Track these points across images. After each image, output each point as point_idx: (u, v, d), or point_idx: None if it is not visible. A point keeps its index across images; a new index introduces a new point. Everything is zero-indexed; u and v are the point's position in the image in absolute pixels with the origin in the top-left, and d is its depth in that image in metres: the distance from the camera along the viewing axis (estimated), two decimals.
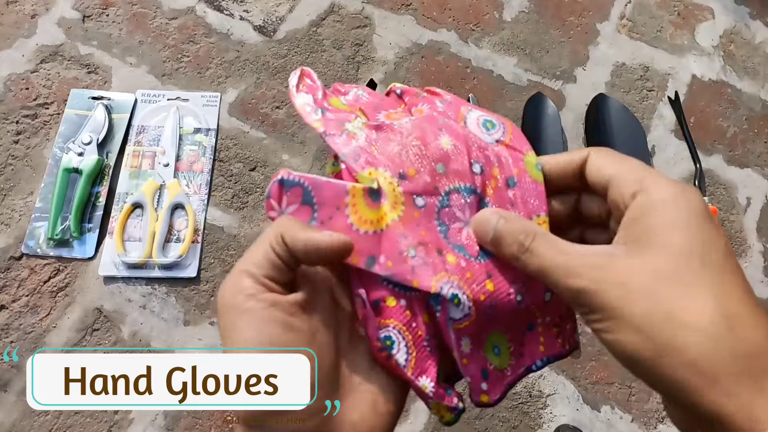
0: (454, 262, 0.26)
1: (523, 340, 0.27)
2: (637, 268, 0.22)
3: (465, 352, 0.26)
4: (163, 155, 0.78)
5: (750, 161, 0.89)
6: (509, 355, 0.27)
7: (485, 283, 0.26)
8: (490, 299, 0.25)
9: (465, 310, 0.25)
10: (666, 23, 0.98)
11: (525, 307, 0.26)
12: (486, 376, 0.26)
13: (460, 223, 0.27)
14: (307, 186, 0.25)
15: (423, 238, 0.26)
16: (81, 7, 0.87)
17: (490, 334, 0.26)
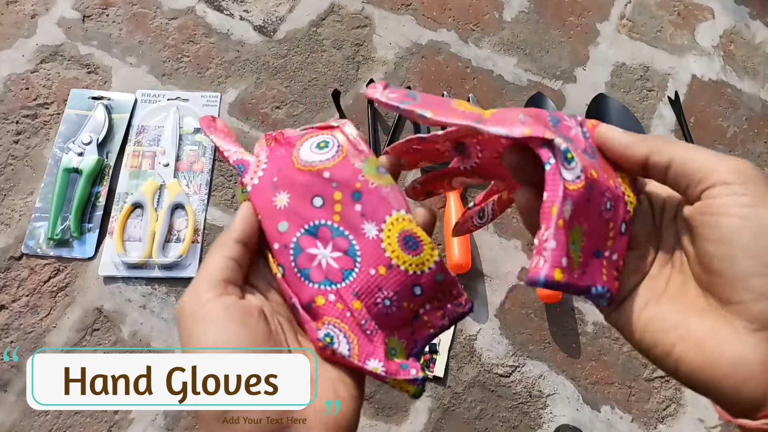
0: (573, 135, 0.26)
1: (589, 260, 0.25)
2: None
3: (565, 216, 0.24)
4: (163, 155, 0.78)
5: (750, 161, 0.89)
6: (578, 262, 0.25)
7: (591, 170, 0.25)
8: (592, 182, 0.24)
9: (576, 172, 0.24)
10: (666, 23, 0.98)
11: (606, 224, 0.25)
12: (564, 263, 0.24)
13: (567, 122, 0.27)
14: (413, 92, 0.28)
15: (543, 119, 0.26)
16: (81, 7, 0.87)
17: (577, 226, 0.25)
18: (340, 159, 0.27)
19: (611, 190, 0.25)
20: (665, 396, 0.72)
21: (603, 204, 0.25)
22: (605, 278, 0.25)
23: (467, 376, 0.71)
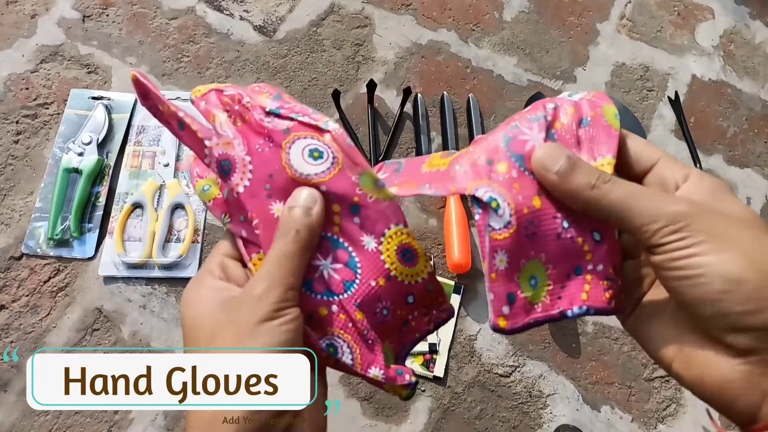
0: (504, 171, 0.25)
1: (565, 282, 0.26)
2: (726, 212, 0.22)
3: (498, 267, 0.25)
4: (163, 155, 0.78)
5: (750, 161, 0.89)
6: (546, 293, 0.26)
7: (533, 198, 0.25)
8: (533, 215, 0.25)
9: (505, 218, 0.24)
10: (666, 23, 0.98)
11: (572, 242, 0.25)
12: (512, 301, 0.25)
13: (525, 136, 0.26)
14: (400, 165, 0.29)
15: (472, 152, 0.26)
16: (81, 7, 0.87)
17: (530, 261, 0.25)
18: (336, 172, 0.26)
19: (566, 208, 0.25)
20: (665, 396, 0.72)
21: (557, 227, 0.25)
22: (586, 295, 0.25)
23: (467, 376, 0.71)
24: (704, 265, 0.21)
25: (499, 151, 0.26)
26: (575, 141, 0.26)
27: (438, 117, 0.85)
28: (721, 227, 0.21)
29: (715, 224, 0.22)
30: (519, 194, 0.25)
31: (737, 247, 0.21)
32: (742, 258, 0.21)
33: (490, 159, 0.25)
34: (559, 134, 0.26)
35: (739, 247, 0.21)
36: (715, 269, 0.21)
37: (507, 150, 0.25)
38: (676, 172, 0.24)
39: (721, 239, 0.21)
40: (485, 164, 0.25)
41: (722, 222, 0.22)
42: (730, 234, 0.21)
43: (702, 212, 0.22)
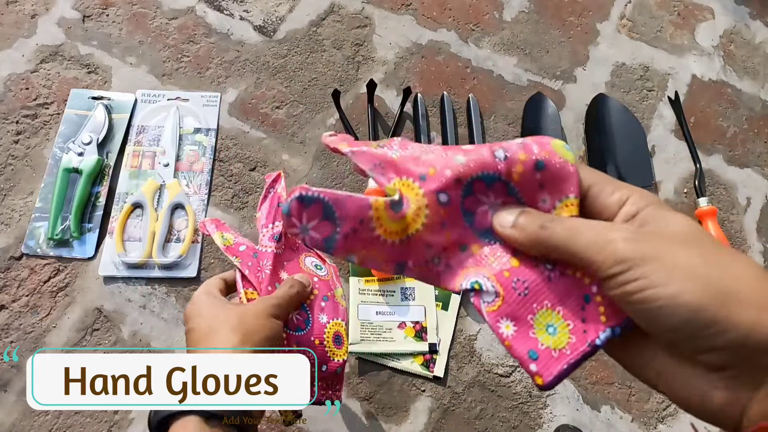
0: (478, 252, 0.27)
1: (584, 315, 0.25)
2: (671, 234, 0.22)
3: (507, 334, 0.25)
4: (163, 155, 0.78)
5: (750, 161, 0.89)
6: (568, 334, 0.25)
7: (509, 260, 0.26)
8: (516, 274, 0.25)
9: (491, 290, 0.25)
10: (666, 23, 0.98)
11: (564, 277, 0.25)
12: (534, 357, 0.25)
13: (484, 206, 0.27)
14: (327, 201, 0.26)
15: (446, 241, 0.27)
16: (81, 7, 0.87)
17: (539, 313, 0.25)
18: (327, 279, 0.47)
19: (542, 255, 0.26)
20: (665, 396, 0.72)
21: (542, 271, 0.25)
22: (605, 318, 0.25)
23: (467, 376, 0.71)
24: (659, 298, 0.21)
25: (467, 232, 0.27)
26: (537, 185, 0.26)
27: (438, 117, 0.85)
28: (668, 253, 0.21)
29: (661, 251, 0.21)
30: (495, 264, 0.26)
31: (688, 273, 0.21)
32: (695, 284, 0.20)
33: (464, 244, 0.27)
34: (521, 186, 0.26)
35: (690, 273, 0.21)
36: (671, 302, 0.20)
37: (473, 230, 0.27)
38: (614, 194, 0.24)
39: (670, 267, 0.21)
40: (460, 252, 0.27)
41: (667, 246, 0.21)
42: (678, 258, 0.21)
43: (646, 239, 0.22)
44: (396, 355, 0.70)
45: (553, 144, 0.26)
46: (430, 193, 0.26)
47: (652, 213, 0.23)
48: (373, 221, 0.26)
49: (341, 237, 0.26)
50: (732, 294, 0.20)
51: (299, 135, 0.82)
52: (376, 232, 0.26)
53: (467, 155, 0.26)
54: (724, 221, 0.83)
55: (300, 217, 0.25)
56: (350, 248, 0.26)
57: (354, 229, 0.26)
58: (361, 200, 0.26)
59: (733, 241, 0.82)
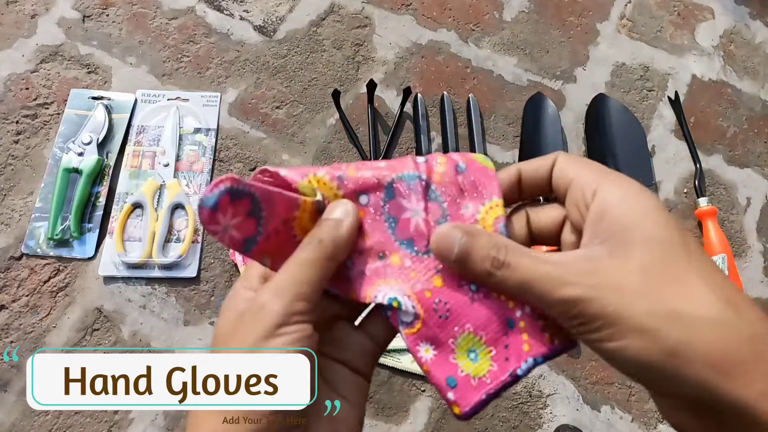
0: (398, 264, 0.25)
1: (506, 341, 0.24)
2: (626, 268, 0.21)
3: (426, 359, 0.24)
4: (163, 155, 0.78)
5: (750, 161, 0.89)
6: (489, 361, 0.24)
7: (432, 279, 0.24)
8: (437, 295, 0.24)
9: (410, 311, 0.24)
10: (666, 23, 0.98)
11: (487, 299, 0.24)
12: (453, 384, 0.24)
13: (407, 212, 0.25)
14: (257, 198, 0.23)
15: (363, 244, 0.25)
16: (81, 7, 0.87)
17: (460, 337, 0.24)
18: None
19: None
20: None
21: (465, 293, 0.24)
22: (527, 346, 0.24)
23: None
24: (610, 353, 0.20)
25: (388, 241, 0.25)
26: (458, 189, 0.25)
27: (438, 117, 0.85)
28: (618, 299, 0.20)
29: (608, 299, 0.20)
30: (417, 282, 0.24)
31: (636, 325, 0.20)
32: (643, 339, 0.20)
33: (382, 252, 0.25)
34: (441, 188, 0.25)
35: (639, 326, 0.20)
36: (621, 356, 0.20)
37: (395, 238, 0.25)
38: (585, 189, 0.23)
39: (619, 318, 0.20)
40: (378, 260, 0.25)
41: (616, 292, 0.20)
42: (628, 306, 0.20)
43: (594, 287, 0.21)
44: (397, 354, 0.70)
45: (474, 155, 0.26)
46: (349, 193, 0.25)
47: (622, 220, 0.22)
48: (296, 221, 0.24)
49: (263, 238, 0.23)
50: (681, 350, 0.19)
51: (299, 135, 0.82)
52: (294, 231, 0.24)
53: (389, 162, 0.26)
54: (724, 221, 0.83)
55: (225, 213, 0.22)
56: (267, 250, 0.24)
57: (276, 230, 0.24)
58: (291, 198, 0.24)
59: (733, 241, 0.82)
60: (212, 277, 0.73)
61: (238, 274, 0.73)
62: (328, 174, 0.25)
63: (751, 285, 0.80)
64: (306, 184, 0.25)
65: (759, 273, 0.82)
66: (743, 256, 0.82)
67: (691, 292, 0.20)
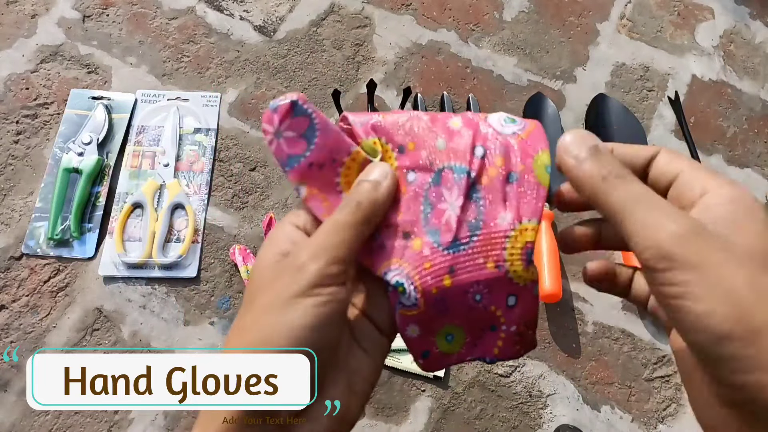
0: (418, 249, 0.25)
1: (482, 336, 0.26)
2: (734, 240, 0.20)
3: (410, 335, 0.25)
4: (163, 155, 0.78)
5: (750, 161, 0.89)
6: (462, 345, 0.26)
7: (443, 278, 0.24)
8: (443, 294, 0.24)
9: (411, 300, 0.24)
10: (666, 23, 0.98)
11: (484, 310, 0.25)
12: (426, 357, 0.26)
13: (444, 204, 0.25)
14: (316, 123, 0.24)
15: (394, 218, 0.25)
16: (81, 7, 0.87)
17: (445, 326, 0.26)
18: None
19: (479, 282, 0.25)
20: (665, 396, 0.72)
21: (468, 301, 0.25)
22: (498, 350, 0.26)
23: (467, 376, 0.71)
24: (689, 312, 0.19)
25: (418, 223, 0.25)
26: (502, 198, 0.25)
27: None
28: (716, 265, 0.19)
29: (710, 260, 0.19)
30: (429, 275, 0.24)
31: (727, 295, 0.18)
32: (730, 309, 0.18)
33: (408, 231, 0.25)
34: (485, 191, 0.25)
35: (730, 296, 0.18)
36: (700, 321, 0.19)
37: (425, 223, 0.25)
38: (695, 185, 0.22)
39: (711, 283, 0.19)
40: (402, 238, 0.25)
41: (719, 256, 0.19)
42: (724, 275, 0.19)
43: (700, 241, 0.19)
44: (398, 354, 0.70)
45: (536, 159, 0.25)
46: (402, 168, 0.25)
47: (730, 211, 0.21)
48: (343, 167, 0.25)
49: (305, 162, 0.24)
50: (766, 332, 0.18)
51: None
52: (338, 178, 0.25)
53: (448, 142, 0.26)
54: None
55: (282, 121, 0.24)
56: (306, 178, 0.25)
57: (322, 164, 0.25)
58: (345, 141, 0.25)
59: None
60: (212, 277, 0.73)
61: (238, 274, 0.73)
62: (392, 143, 0.26)
63: None
64: (370, 143, 0.25)
65: None
66: None
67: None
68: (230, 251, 0.74)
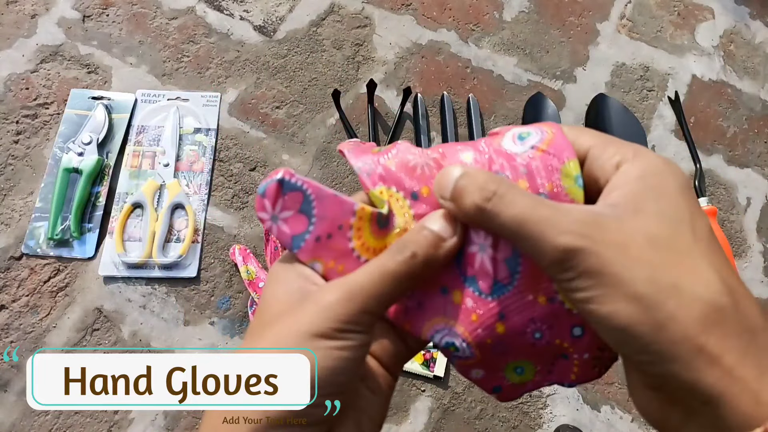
0: (459, 302, 0.23)
1: (554, 363, 0.24)
2: (633, 231, 0.19)
3: (476, 378, 0.24)
4: (163, 155, 0.78)
5: (750, 161, 0.89)
6: (534, 373, 0.24)
7: (495, 326, 0.23)
8: (498, 340, 0.23)
9: (466, 354, 0.23)
10: (666, 23, 0.98)
11: (548, 345, 0.23)
12: (499, 391, 0.25)
13: (474, 246, 0.23)
14: (309, 194, 0.23)
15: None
16: (81, 7, 0.87)
17: (510, 362, 0.24)
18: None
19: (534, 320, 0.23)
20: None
21: (528, 339, 0.23)
22: (575, 376, 0.24)
23: None
24: (596, 314, 0.19)
25: (452, 274, 0.23)
26: None
27: (438, 117, 0.85)
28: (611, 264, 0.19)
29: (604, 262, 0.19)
30: (478, 327, 0.23)
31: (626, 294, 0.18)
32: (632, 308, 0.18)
33: (445, 285, 0.23)
34: None
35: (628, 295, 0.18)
36: (605, 323, 0.19)
37: (460, 272, 0.23)
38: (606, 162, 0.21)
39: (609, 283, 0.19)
40: (440, 294, 0.23)
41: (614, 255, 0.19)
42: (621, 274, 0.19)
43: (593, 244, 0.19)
44: None
45: (563, 172, 0.22)
46: (418, 215, 0.23)
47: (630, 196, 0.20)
48: (352, 230, 0.23)
49: (312, 238, 0.23)
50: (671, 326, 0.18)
51: (299, 135, 0.82)
52: (351, 243, 0.23)
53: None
54: (724, 221, 0.83)
55: (274, 203, 0.22)
56: (318, 254, 0.23)
57: (329, 234, 0.23)
58: (345, 203, 0.23)
59: (733, 242, 0.82)
60: (212, 277, 0.73)
61: (238, 274, 0.73)
62: (403, 191, 0.24)
63: (751, 285, 0.80)
64: (376, 193, 0.24)
65: (759, 273, 0.82)
66: (743, 256, 0.82)
67: (695, 270, 0.19)
68: (230, 251, 0.74)
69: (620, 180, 0.21)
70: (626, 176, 0.21)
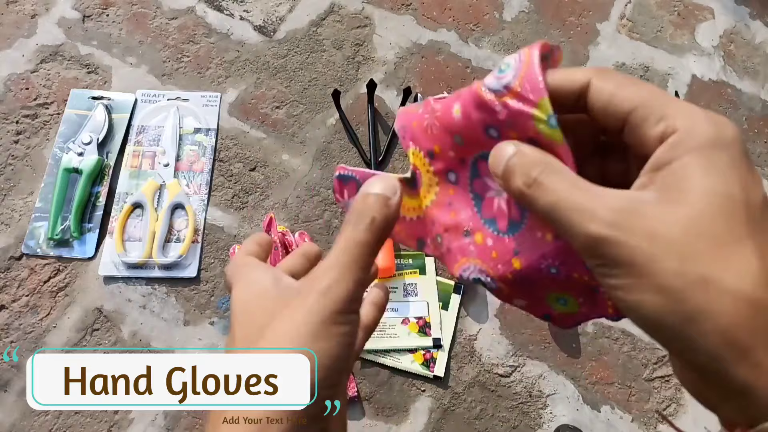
0: (481, 242, 0.25)
1: (592, 296, 0.24)
2: (670, 218, 0.19)
3: (521, 305, 0.26)
4: (163, 155, 0.78)
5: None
6: (578, 305, 0.25)
7: (511, 262, 0.24)
8: (517, 275, 0.24)
9: (493, 286, 0.25)
10: (666, 23, 0.98)
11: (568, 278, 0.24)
12: (549, 319, 0.26)
13: (491, 192, 0.25)
14: (358, 179, 0.28)
15: (451, 221, 0.26)
16: (81, 7, 0.87)
17: (548, 295, 0.25)
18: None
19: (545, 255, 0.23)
20: (665, 396, 0.72)
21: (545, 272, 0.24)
22: (611, 309, 0.24)
23: (467, 376, 0.71)
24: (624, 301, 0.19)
25: (474, 218, 0.26)
26: None
27: None
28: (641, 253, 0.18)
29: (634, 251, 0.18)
30: (498, 262, 0.25)
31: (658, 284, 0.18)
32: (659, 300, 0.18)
33: (468, 229, 0.26)
34: None
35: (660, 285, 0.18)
36: (636, 311, 0.19)
37: (480, 216, 0.26)
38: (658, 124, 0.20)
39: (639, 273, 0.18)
40: (463, 237, 0.26)
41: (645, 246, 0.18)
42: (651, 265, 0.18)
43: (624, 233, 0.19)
44: (397, 354, 0.70)
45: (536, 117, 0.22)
46: (439, 171, 0.26)
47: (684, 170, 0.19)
48: None
49: None
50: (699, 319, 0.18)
51: (299, 135, 0.82)
52: None
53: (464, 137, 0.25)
54: None
55: (342, 193, 0.28)
56: None
57: None
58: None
59: None
60: (212, 277, 0.73)
61: None
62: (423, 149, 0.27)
63: None
64: (410, 154, 0.27)
65: None
66: None
67: (733, 259, 0.18)
68: (230, 251, 0.74)
69: (664, 156, 0.19)
70: (671, 152, 0.19)
